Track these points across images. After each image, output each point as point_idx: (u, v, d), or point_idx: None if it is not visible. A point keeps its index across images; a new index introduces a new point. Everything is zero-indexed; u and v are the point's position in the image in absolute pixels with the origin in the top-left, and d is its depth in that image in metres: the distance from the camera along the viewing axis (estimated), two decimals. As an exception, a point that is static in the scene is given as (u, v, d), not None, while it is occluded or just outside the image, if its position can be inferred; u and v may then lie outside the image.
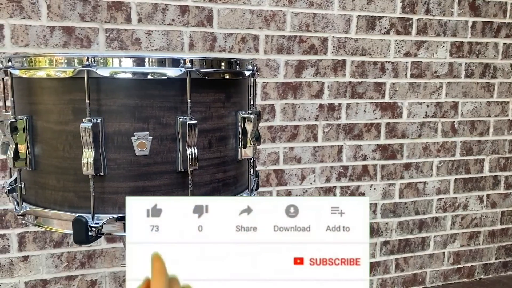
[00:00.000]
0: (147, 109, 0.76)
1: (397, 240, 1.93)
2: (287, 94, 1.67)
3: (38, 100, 0.80)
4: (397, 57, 1.80)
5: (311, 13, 1.66)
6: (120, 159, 0.76)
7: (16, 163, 0.80)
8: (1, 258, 1.46)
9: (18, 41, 1.38)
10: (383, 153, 1.85)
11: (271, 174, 1.70)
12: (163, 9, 1.49)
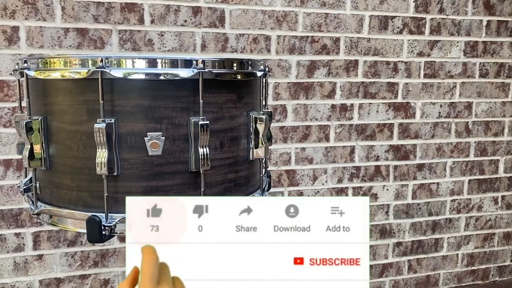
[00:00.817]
0: (160, 109, 0.77)
1: (410, 241, 1.92)
2: (299, 94, 1.67)
3: (52, 101, 0.81)
4: (410, 57, 1.79)
5: (323, 13, 1.66)
6: (133, 159, 0.77)
7: (31, 163, 0.82)
8: (16, 256, 1.48)
9: (33, 42, 1.40)
10: (396, 154, 1.84)
11: (282, 175, 1.70)
12: (175, 10, 1.50)
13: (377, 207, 1.85)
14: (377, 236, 1.86)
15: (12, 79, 1.39)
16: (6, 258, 1.47)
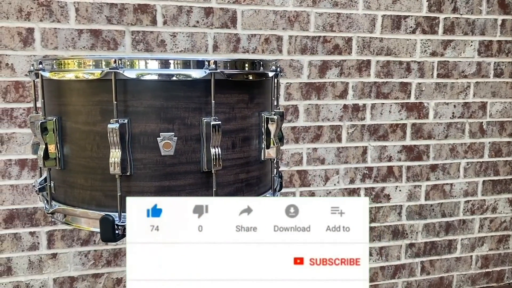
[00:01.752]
0: (172, 110, 0.78)
1: (423, 242, 1.90)
2: (310, 94, 1.67)
3: (67, 102, 0.82)
4: (423, 57, 1.77)
5: (335, 13, 1.65)
6: (146, 159, 0.78)
7: (46, 163, 0.83)
8: (31, 255, 1.50)
9: (48, 44, 1.42)
10: (409, 154, 1.82)
11: (294, 175, 1.70)
12: (187, 11, 1.51)
13: (390, 208, 1.84)
14: (390, 237, 1.85)
15: (27, 80, 1.41)
16: (21, 256, 1.49)
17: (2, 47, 1.38)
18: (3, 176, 1.44)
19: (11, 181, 1.45)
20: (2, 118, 1.41)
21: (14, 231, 1.47)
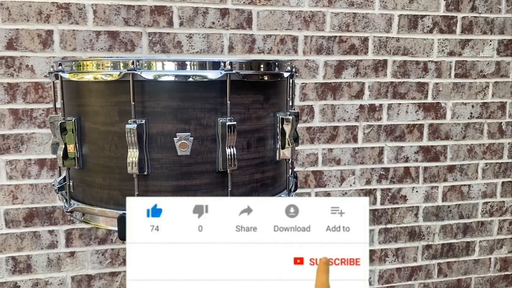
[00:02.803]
0: (188, 110, 0.78)
1: (440, 244, 1.88)
2: (326, 94, 1.66)
3: (86, 102, 0.83)
4: (441, 57, 1.75)
5: (351, 13, 1.64)
6: (163, 159, 0.78)
7: (65, 162, 0.84)
8: (50, 253, 1.53)
9: (66, 45, 1.44)
10: (426, 155, 1.80)
11: (309, 175, 1.70)
12: (203, 13, 1.52)
13: (406, 209, 1.82)
14: (406, 239, 1.84)
15: (46, 81, 1.44)
16: (40, 254, 1.52)
17: (23, 49, 1.41)
18: (23, 176, 1.47)
19: (30, 180, 1.48)
20: (22, 118, 1.44)
21: (34, 229, 1.50)
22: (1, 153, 1.45)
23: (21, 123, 1.44)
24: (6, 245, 1.49)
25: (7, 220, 1.48)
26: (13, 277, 1.51)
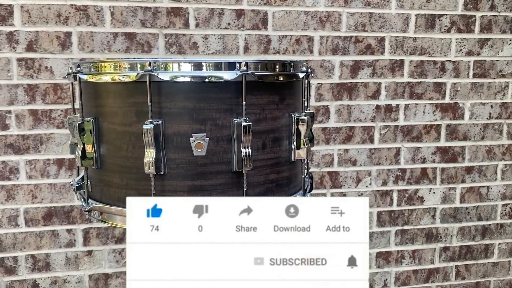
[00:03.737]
0: (204, 111, 0.79)
1: (458, 246, 1.85)
2: (342, 95, 1.65)
3: (103, 103, 0.84)
4: (459, 56, 1.73)
5: (368, 12, 1.63)
6: (179, 159, 0.79)
7: (83, 162, 0.86)
8: (68, 251, 1.55)
9: (84, 47, 1.46)
10: (443, 156, 1.78)
11: (325, 176, 1.69)
12: (219, 14, 1.52)
13: (423, 210, 1.80)
14: (423, 240, 1.82)
15: (64, 82, 1.46)
16: (58, 252, 1.55)
17: (42, 51, 1.44)
18: (42, 175, 1.50)
19: (49, 180, 1.50)
20: (41, 119, 1.47)
21: (52, 228, 1.53)
22: (21, 153, 1.47)
23: (40, 123, 1.47)
24: (26, 243, 1.52)
25: (27, 219, 1.51)
26: (33, 275, 1.54)
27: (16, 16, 1.41)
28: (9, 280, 1.53)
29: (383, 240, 1.78)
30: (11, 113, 1.45)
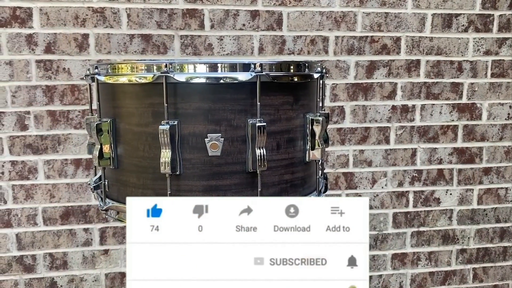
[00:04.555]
0: (219, 112, 0.79)
1: (475, 248, 1.83)
2: (357, 95, 1.65)
3: (120, 104, 0.86)
4: (476, 56, 1.71)
5: (383, 12, 1.62)
6: (195, 159, 0.80)
7: (101, 162, 0.87)
8: (85, 250, 1.57)
9: (101, 48, 1.48)
10: (460, 157, 1.76)
11: (340, 177, 1.69)
12: (234, 15, 1.53)
13: (440, 212, 1.78)
14: (439, 242, 1.80)
15: (82, 84, 1.49)
16: (76, 251, 1.57)
17: (60, 53, 1.46)
18: (59, 175, 1.52)
19: (67, 179, 1.53)
20: (59, 119, 1.49)
21: (70, 227, 1.55)
22: (39, 153, 1.50)
23: (58, 124, 1.50)
24: (44, 241, 1.54)
25: (45, 217, 1.53)
26: (50, 273, 1.57)
27: (35, 19, 1.44)
28: (28, 278, 1.55)
29: (398, 241, 1.77)
30: (30, 114, 1.48)
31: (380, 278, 1.78)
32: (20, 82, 1.46)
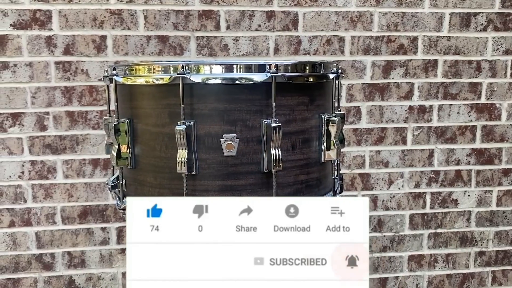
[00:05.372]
0: (234, 112, 0.80)
1: (494, 251, 1.80)
2: (374, 95, 1.64)
3: (138, 105, 0.87)
4: (495, 55, 1.68)
5: (400, 12, 1.61)
6: (210, 159, 0.80)
7: (119, 162, 0.88)
8: (102, 249, 1.60)
9: (119, 50, 1.50)
10: (479, 158, 1.73)
11: (356, 178, 1.68)
12: (250, 16, 1.53)
13: (457, 213, 1.76)
14: (457, 244, 1.77)
15: (100, 84, 1.51)
16: (93, 250, 1.59)
17: (78, 54, 1.49)
18: (78, 175, 1.55)
19: (85, 179, 1.55)
20: (78, 120, 1.52)
21: (87, 226, 1.57)
22: (58, 153, 1.53)
23: (76, 124, 1.52)
24: (62, 240, 1.57)
25: (63, 216, 1.56)
26: (69, 271, 1.59)
27: (54, 21, 1.46)
28: (47, 276, 1.58)
29: (415, 243, 1.75)
30: (49, 114, 1.50)
31: (396, 280, 1.76)
32: (40, 83, 1.49)
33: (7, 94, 1.48)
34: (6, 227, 1.54)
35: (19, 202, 1.53)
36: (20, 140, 1.50)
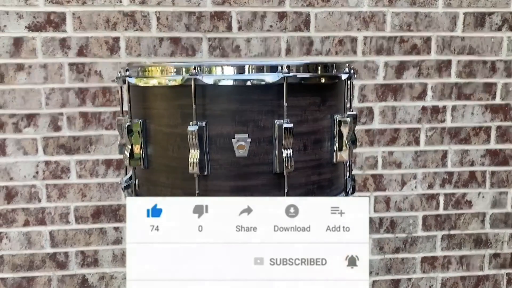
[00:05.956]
0: (246, 113, 0.80)
1: (509, 253, 1.77)
2: (386, 96, 1.62)
3: (151, 106, 0.87)
4: (511, 55, 1.66)
5: (413, 12, 1.60)
6: (222, 160, 0.81)
7: (131, 162, 0.89)
8: (115, 248, 1.61)
9: (132, 51, 1.51)
10: (493, 159, 1.71)
11: (368, 179, 1.67)
12: (261, 16, 1.54)
13: (471, 215, 1.74)
14: (471, 246, 1.75)
15: (113, 85, 1.52)
16: (106, 249, 1.61)
17: (92, 56, 1.50)
18: (91, 175, 1.56)
19: (98, 179, 1.57)
20: (91, 121, 1.53)
21: (100, 225, 1.59)
22: (71, 154, 1.54)
23: (89, 125, 1.53)
24: (76, 239, 1.59)
25: (77, 216, 1.57)
26: (82, 270, 1.61)
27: (68, 23, 1.48)
28: (61, 275, 1.60)
29: (428, 244, 1.73)
30: (63, 115, 1.52)
31: (409, 282, 1.75)
32: (54, 84, 1.50)
33: (22, 95, 1.50)
34: (21, 226, 1.56)
35: (34, 202, 1.55)
36: (35, 140, 1.52)
